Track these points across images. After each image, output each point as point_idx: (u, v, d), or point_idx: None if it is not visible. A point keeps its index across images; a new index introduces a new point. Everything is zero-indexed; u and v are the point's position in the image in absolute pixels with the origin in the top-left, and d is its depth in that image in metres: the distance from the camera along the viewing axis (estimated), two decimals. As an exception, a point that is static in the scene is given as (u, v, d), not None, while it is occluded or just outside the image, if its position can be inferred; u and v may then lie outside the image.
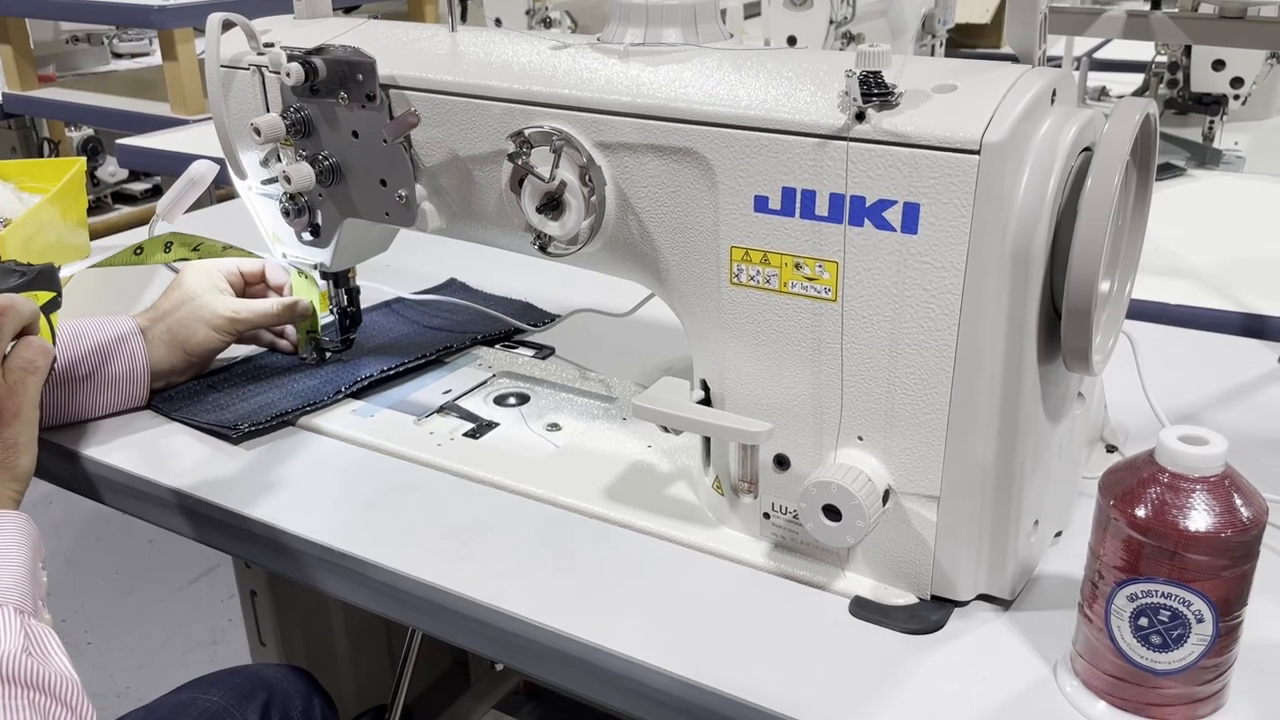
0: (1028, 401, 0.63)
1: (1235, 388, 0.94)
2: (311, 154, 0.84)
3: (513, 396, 0.93)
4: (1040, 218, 0.60)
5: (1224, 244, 1.27)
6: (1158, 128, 0.66)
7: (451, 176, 0.80)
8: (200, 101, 2.17)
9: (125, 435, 0.89)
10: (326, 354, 0.97)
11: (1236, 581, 0.55)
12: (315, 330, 0.96)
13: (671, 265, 0.72)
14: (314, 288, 0.95)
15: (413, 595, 0.72)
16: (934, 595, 0.68)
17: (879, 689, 0.61)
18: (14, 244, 1.05)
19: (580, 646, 0.65)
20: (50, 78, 2.75)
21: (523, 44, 0.78)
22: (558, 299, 1.11)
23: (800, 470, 0.69)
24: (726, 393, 0.71)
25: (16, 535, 0.69)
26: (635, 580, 0.71)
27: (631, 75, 0.71)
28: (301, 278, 0.95)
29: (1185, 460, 0.55)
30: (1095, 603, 0.58)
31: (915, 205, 0.61)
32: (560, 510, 0.78)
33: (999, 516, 0.65)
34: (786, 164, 0.64)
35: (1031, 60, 0.68)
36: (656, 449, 0.84)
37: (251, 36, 0.85)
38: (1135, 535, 0.55)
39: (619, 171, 0.72)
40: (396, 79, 0.79)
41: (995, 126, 0.58)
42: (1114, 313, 0.69)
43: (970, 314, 0.61)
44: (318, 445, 0.87)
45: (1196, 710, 0.57)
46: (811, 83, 0.65)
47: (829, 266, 0.64)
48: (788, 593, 0.70)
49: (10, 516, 0.70)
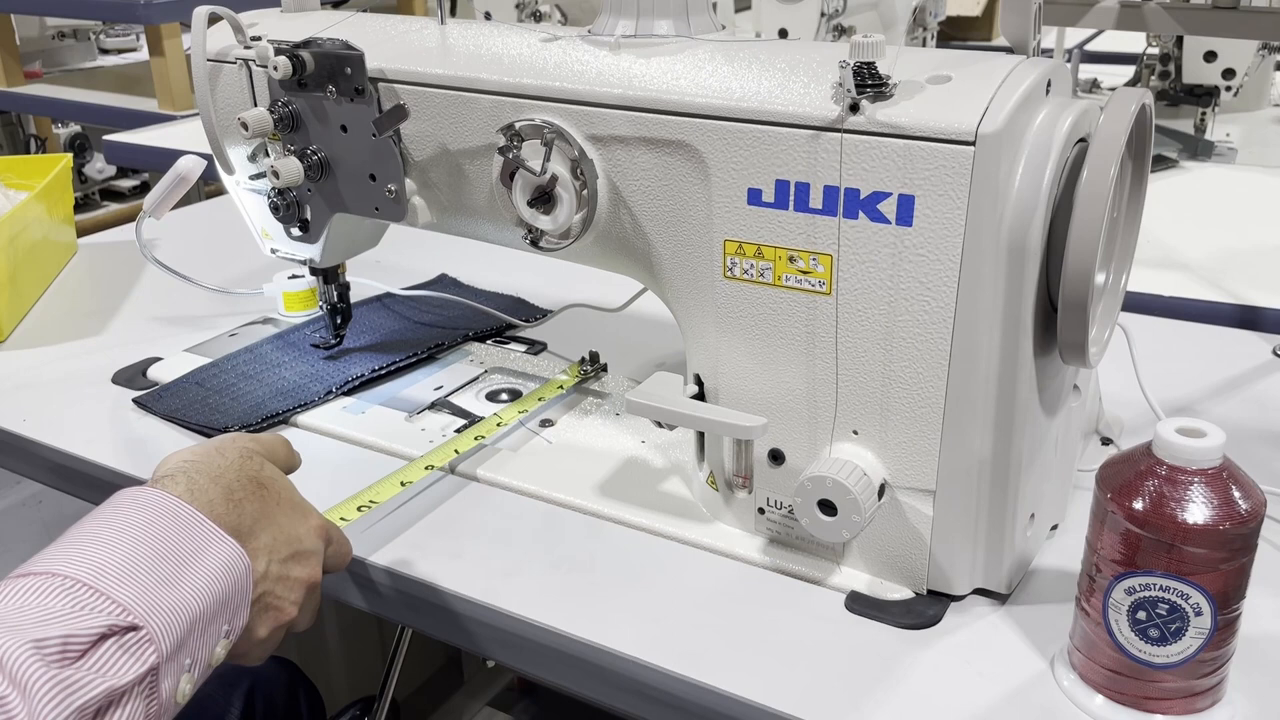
0: (1023, 395, 0.63)
1: (1230, 380, 0.94)
2: (300, 148, 0.83)
3: (505, 392, 0.92)
4: (1036, 209, 0.59)
5: (1217, 236, 1.27)
6: (1153, 118, 0.66)
7: (442, 170, 0.79)
8: (188, 97, 2.16)
9: (113, 432, 0.88)
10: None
11: (1235, 574, 0.55)
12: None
13: (664, 259, 0.71)
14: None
15: (406, 594, 0.71)
16: (930, 590, 0.67)
17: (875, 684, 0.61)
18: (0, 241, 1.04)
19: (574, 643, 0.65)
20: (36, 74, 2.74)
21: (513, 37, 0.77)
22: (549, 294, 1.10)
23: (795, 465, 0.69)
24: (720, 387, 0.71)
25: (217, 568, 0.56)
26: (629, 576, 0.71)
27: (623, 68, 0.70)
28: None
29: (1183, 452, 0.54)
30: (1093, 596, 0.58)
31: (910, 197, 0.60)
32: (553, 507, 0.78)
33: (995, 510, 0.65)
34: (780, 156, 0.63)
35: (1026, 51, 0.67)
36: (650, 444, 0.84)
37: (238, 30, 0.84)
38: (1133, 528, 0.55)
39: (611, 165, 0.71)
40: (385, 72, 0.78)
41: (990, 117, 0.58)
42: (1110, 305, 0.69)
43: (966, 307, 0.61)
44: (308, 442, 0.86)
45: (1195, 703, 0.57)
46: (805, 74, 0.64)
47: (823, 260, 0.64)
48: (783, 588, 0.69)
49: (228, 551, 0.58)
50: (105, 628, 0.49)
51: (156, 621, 0.51)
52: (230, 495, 0.59)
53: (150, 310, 1.12)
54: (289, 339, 1.01)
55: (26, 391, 0.95)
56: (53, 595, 0.50)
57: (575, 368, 0.94)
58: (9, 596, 0.49)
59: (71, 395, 0.94)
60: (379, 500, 0.76)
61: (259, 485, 0.62)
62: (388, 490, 0.77)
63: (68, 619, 0.49)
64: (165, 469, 0.60)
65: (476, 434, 0.84)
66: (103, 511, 0.56)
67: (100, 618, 0.49)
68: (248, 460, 0.63)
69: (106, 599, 0.50)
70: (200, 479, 0.59)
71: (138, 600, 0.51)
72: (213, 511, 0.58)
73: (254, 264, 1.17)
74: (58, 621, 0.48)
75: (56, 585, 0.50)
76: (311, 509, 0.66)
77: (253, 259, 1.10)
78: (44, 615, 0.48)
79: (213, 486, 0.59)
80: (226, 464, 0.61)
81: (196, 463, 0.61)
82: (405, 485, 0.78)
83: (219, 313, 1.09)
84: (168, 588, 0.52)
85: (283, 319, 1.06)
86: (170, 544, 0.54)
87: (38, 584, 0.50)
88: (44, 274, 1.19)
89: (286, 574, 0.61)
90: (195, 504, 0.57)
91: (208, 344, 1.01)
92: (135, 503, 0.56)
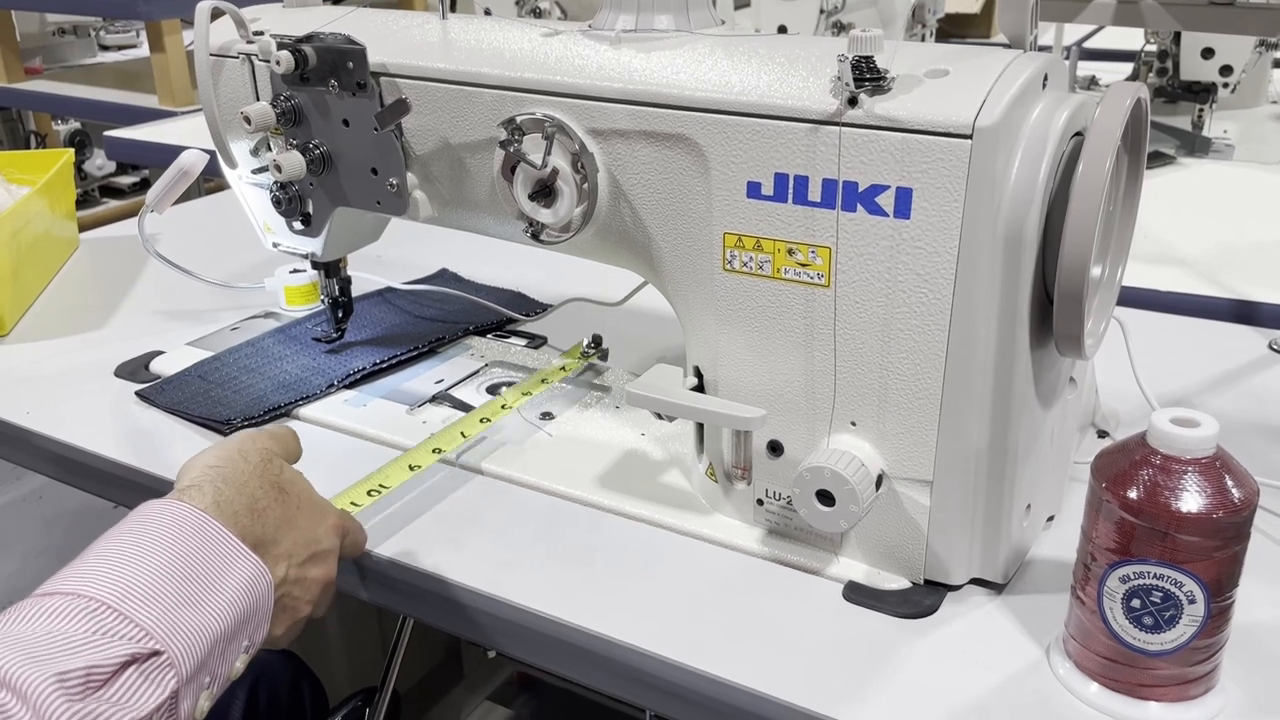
0: (1020, 386, 0.63)
1: (1226, 373, 0.95)
2: (302, 143, 0.84)
3: (505, 386, 0.93)
4: (1032, 202, 0.60)
5: (1214, 231, 1.27)
6: (1149, 112, 0.66)
7: (443, 164, 0.80)
8: (188, 93, 2.16)
9: (114, 425, 0.88)
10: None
11: (1228, 562, 0.55)
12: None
13: (664, 252, 0.72)
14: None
15: (409, 584, 0.72)
16: (927, 580, 0.68)
17: (873, 673, 0.61)
18: (2, 236, 1.04)
19: (575, 633, 0.66)
20: (37, 70, 2.74)
21: (514, 31, 0.78)
22: (549, 289, 1.11)
23: (794, 456, 0.70)
24: (719, 379, 0.71)
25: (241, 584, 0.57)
26: (630, 567, 0.71)
27: (623, 62, 0.71)
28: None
29: (1177, 442, 0.55)
30: (1088, 585, 0.58)
31: (908, 190, 0.61)
32: (554, 498, 0.78)
33: (992, 501, 0.66)
34: (779, 150, 0.64)
35: (1023, 46, 0.68)
36: (650, 436, 0.84)
37: (241, 25, 0.85)
38: (1127, 517, 0.55)
39: (611, 158, 0.71)
40: (387, 66, 0.79)
41: (988, 111, 0.58)
42: (1105, 298, 0.69)
43: (963, 299, 0.61)
44: (310, 434, 0.86)
45: (1188, 690, 0.58)
46: (804, 68, 0.65)
47: (822, 252, 0.64)
48: (781, 578, 0.70)
49: (250, 568, 0.58)
50: (128, 655, 0.50)
51: (178, 645, 0.52)
52: (254, 505, 0.60)
53: (152, 304, 1.12)
54: (291, 333, 1.01)
55: (29, 385, 0.96)
56: (77, 619, 0.50)
57: (577, 349, 0.95)
58: (34, 619, 0.50)
59: (74, 389, 0.95)
60: (390, 485, 0.76)
61: (280, 490, 0.63)
62: (397, 475, 0.78)
63: (91, 649, 0.49)
64: (190, 477, 0.61)
65: (482, 416, 0.85)
66: (129, 525, 0.56)
67: (123, 645, 0.50)
68: (268, 464, 0.63)
69: (129, 622, 0.51)
70: (226, 489, 0.60)
71: (160, 623, 0.51)
72: (237, 524, 0.58)
73: (256, 258, 1.17)
74: (81, 652, 0.49)
75: (80, 607, 0.50)
76: (328, 506, 0.67)
77: (254, 253, 1.11)
78: (68, 644, 0.49)
79: (238, 496, 0.60)
80: (250, 470, 0.62)
81: (221, 469, 0.61)
82: (415, 470, 0.79)
83: (221, 307, 1.09)
84: (190, 609, 0.53)
85: (284, 313, 1.06)
86: (195, 562, 0.55)
87: (62, 605, 0.51)
88: (46, 268, 1.19)
89: (304, 575, 0.62)
90: (221, 517, 0.57)
91: (210, 338, 1.02)
92: (162, 517, 0.56)
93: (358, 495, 0.75)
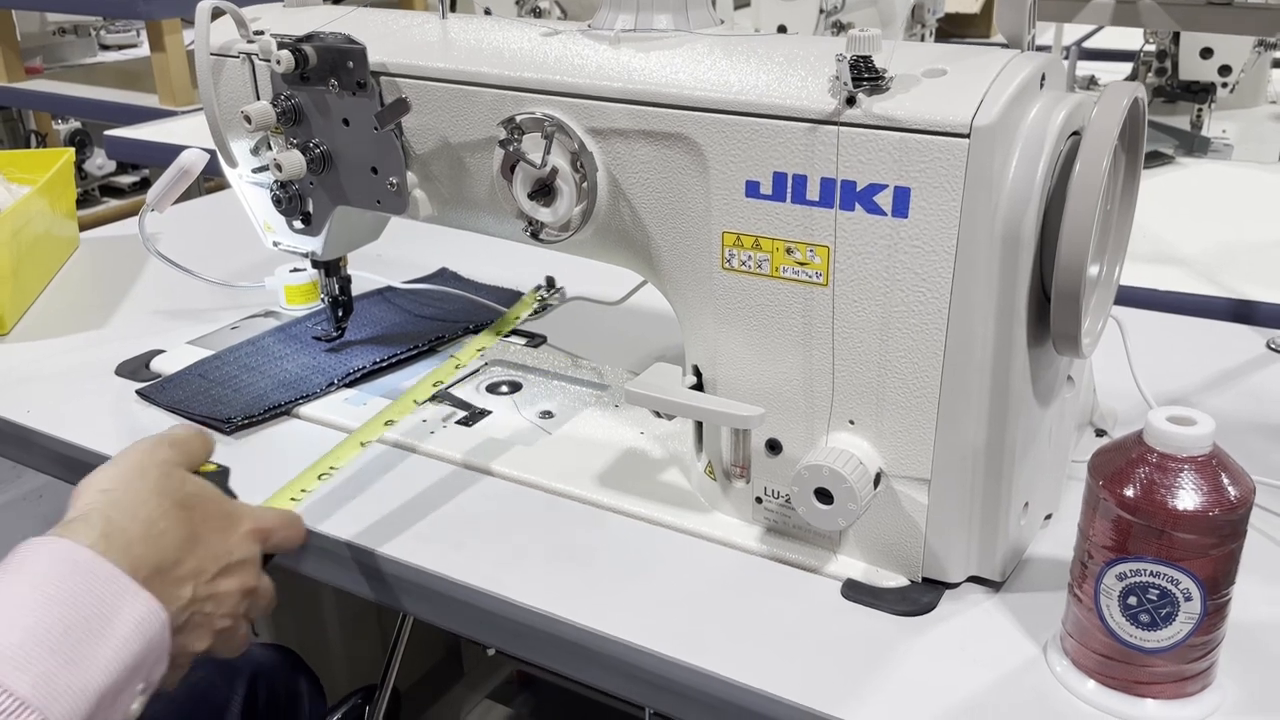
0: (1018, 384, 0.64)
1: (1224, 372, 0.95)
2: (302, 142, 0.84)
3: (505, 384, 0.93)
4: (1030, 201, 0.60)
5: (1212, 231, 1.28)
6: (1146, 111, 0.66)
7: (443, 163, 0.80)
8: (189, 93, 2.16)
9: (115, 424, 0.89)
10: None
11: (1224, 560, 0.56)
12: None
13: (663, 251, 0.72)
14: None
15: (408, 582, 0.72)
16: (925, 577, 0.68)
17: (871, 670, 0.62)
18: (3, 235, 1.05)
19: (575, 630, 0.66)
20: (37, 70, 2.74)
21: (514, 31, 0.78)
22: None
23: (792, 454, 0.70)
24: (718, 378, 0.72)
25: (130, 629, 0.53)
26: (629, 565, 0.71)
27: (623, 61, 0.71)
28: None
29: (1173, 440, 0.55)
30: (1085, 582, 0.59)
31: (906, 189, 0.61)
32: (553, 497, 0.79)
33: (989, 499, 0.66)
34: (778, 149, 0.64)
35: (1021, 46, 0.68)
36: (649, 435, 0.85)
37: (241, 24, 0.85)
38: (1124, 515, 0.56)
39: (611, 157, 0.72)
40: (387, 66, 0.79)
41: (985, 110, 0.59)
42: (1103, 297, 0.70)
43: (961, 297, 0.61)
44: (309, 433, 0.87)
45: (1185, 688, 0.58)
46: (802, 68, 0.65)
47: (820, 251, 0.64)
48: (780, 576, 0.70)
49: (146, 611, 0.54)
50: None
51: (59, 710, 0.49)
52: (150, 529, 0.57)
53: (153, 303, 1.12)
54: (291, 331, 1.02)
55: (30, 384, 0.96)
56: None
57: (533, 294, 1.01)
58: None
59: (75, 387, 0.95)
60: (339, 465, 0.75)
61: (181, 508, 0.60)
62: (347, 452, 0.76)
63: None
64: (80, 505, 0.58)
65: (435, 380, 0.86)
66: (6, 570, 0.53)
67: None
68: (167, 479, 0.60)
69: (4, 692, 0.48)
70: (118, 516, 0.56)
71: (37, 689, 0.49)
72: (129, 555, 0.55)
73: (256, 257, 1.17)
74: None
75: None
76: (241, 513, 0.64)
77: (255, 252, 1.11)
78: None
79: (131, 524, 0.56)
80: (148, 489, 0.59)
81: (113, 492, 0.58)
82: (365, 446, 0.77)
83: (221, 306, 1.09)
84: (72, 668, 0.50)
85: (284, 312, 1.06)
86: (79, 608, 0.52)
87: None
88: (47, 267, 1.19)
89: (215, 591, 0.60)
90: (111, 552, 0.54)
91: (210, 336, 1.02)
92: (39, 560, 0.53)
93: (307, 482, 0.73)
